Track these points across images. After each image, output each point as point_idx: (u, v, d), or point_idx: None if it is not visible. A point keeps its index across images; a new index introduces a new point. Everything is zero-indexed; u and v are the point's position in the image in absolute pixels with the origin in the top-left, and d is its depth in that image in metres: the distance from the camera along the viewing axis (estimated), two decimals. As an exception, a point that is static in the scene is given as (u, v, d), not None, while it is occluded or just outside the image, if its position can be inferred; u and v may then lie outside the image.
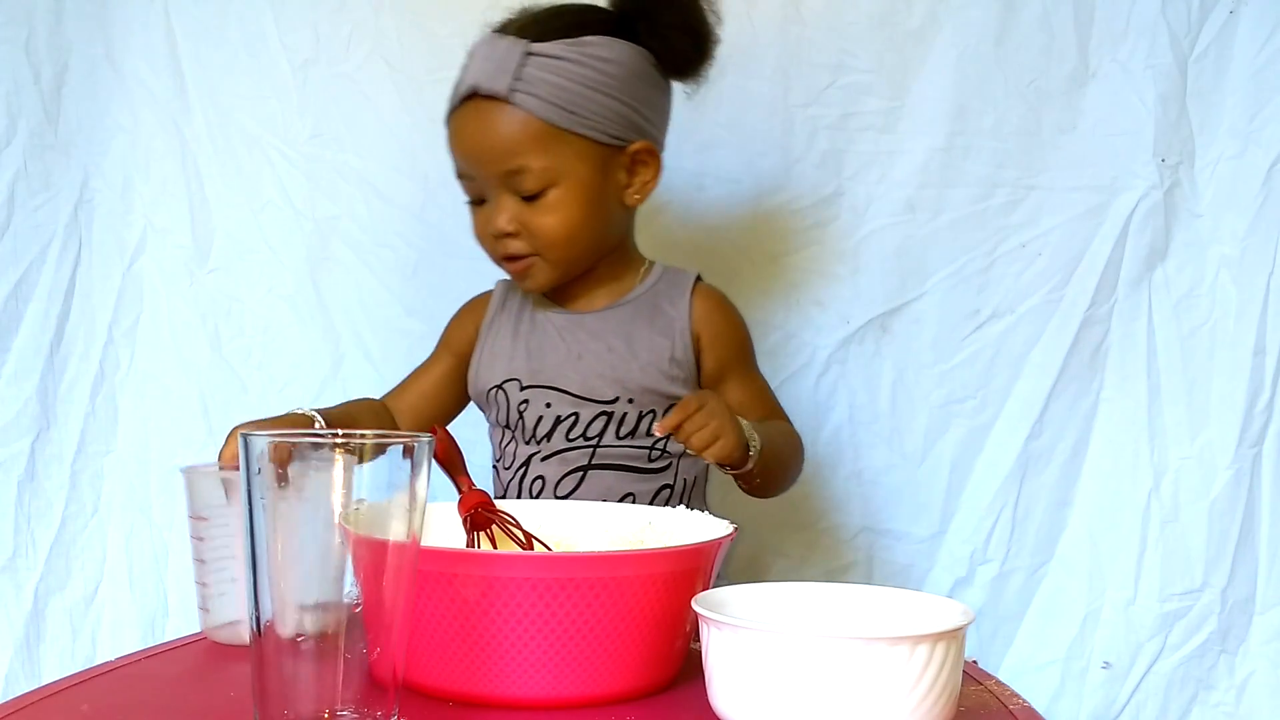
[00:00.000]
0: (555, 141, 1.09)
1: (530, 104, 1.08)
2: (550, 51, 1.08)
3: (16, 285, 1.41)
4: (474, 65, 1.11)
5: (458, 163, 1.14)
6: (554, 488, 1.14)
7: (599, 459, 1.13)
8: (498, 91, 1.08)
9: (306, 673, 0.66)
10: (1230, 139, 1.36)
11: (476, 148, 1.11)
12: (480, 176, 1.12)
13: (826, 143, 1.41)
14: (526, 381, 1.15)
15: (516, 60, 1.08)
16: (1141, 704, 1.40)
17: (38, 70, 1.40)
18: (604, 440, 1.13)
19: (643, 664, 0.79)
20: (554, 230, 1.11)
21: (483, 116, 1.10)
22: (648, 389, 1.14)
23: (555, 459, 1.14)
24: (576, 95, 1.09)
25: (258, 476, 0.65)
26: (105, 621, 1.46)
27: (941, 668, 0.68)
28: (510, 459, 1.16)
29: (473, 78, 1.10)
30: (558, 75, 1.08)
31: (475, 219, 1.16)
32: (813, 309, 1.43)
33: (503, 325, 1.19)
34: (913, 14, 1.39)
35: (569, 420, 1.14)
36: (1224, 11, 1.36)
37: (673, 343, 1.15)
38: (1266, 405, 1.37)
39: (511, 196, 1.11)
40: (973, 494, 1.43)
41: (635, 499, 1.13)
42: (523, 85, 1.08)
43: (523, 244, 1.12)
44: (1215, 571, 1.38)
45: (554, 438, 1.14)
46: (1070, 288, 1.40)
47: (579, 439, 1.13)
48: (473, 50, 1.12)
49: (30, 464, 1.42)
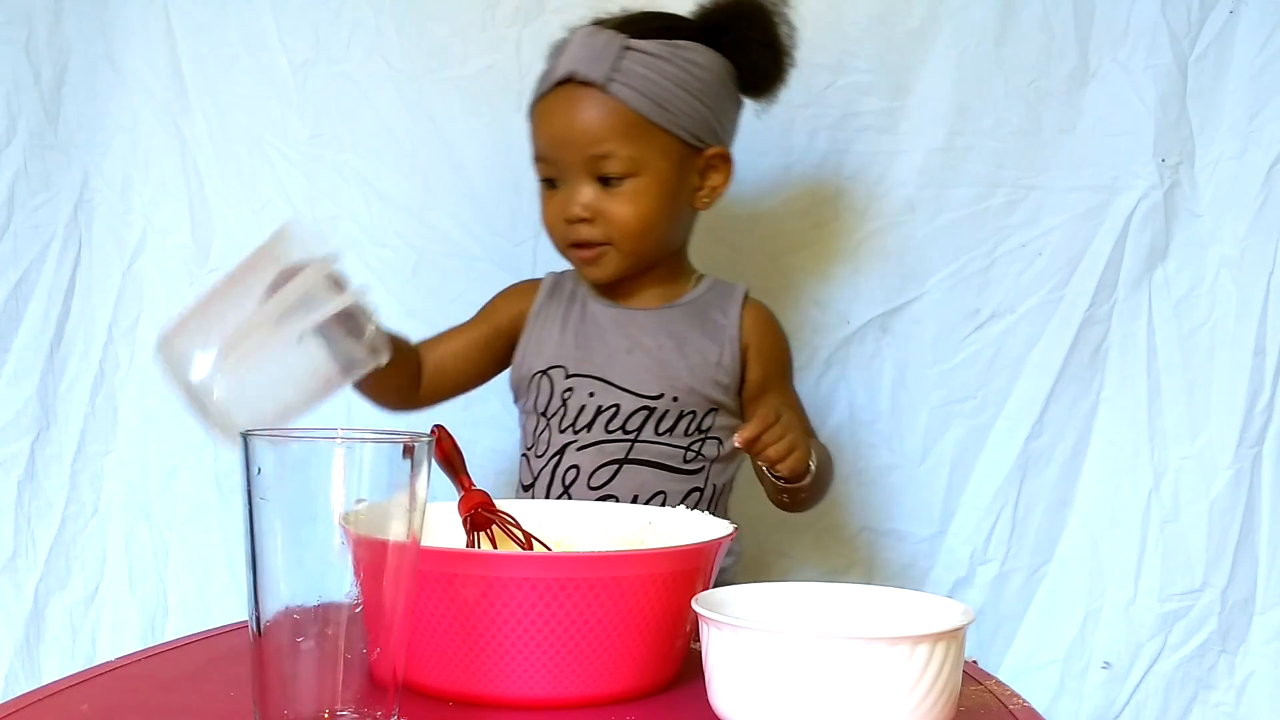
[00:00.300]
0: (643, 133, 1.13)
1: (624, 94, 1.11)
2: (647, 48, 1.12)
3: (16, 285, 1.41)
4: (570, 53, 1.14)
5: (540, 145, 1.16)
6: (588, 478, 1.15)
7: (636, 454, 1.15)
8: (594, 79, 1.11)
9: (306, 673, 0.66)
10: (1230, 139, 1.36)
11: (566, 130, 1.14)
12: (563, 160, 1.14)
13: (826, 143, 1.41)
14: (572, 369, 1.17)
15: (615, 52, 1.12)
16: (1142, 704, 1.40)
17: (38, 70, 1.40)
18: (642, 435, 1.15)
19: (643, 664, 0.79)
20: (629, 219, 1.14)
21: (576, 101, 1.13)
22: (693, 390, 1.15)
23: (593, 449, 1.15)
24: (668, 93, 1.12)
25: (258, 477, 0.65)
26: (105, 621, 1.46)
27: (941, 668, 0.68)
28: (544, 446, 1.17)
29: (569, 64, 1.13)
30: (653, 71, 1.12)
31: (548, 204, 1.18)
32: (813, 309, 1.43)
33: (551, 313, 1.21)
34: (913, 14, 1.39)
35: (610, 411, 1.15)
36: (1224, 11, 1.36)
37: (722, 350, 1.18)
38: (1266, 405, 1.37)
39: (590, 184, 1.14)
40: (973, 494, 1.43)
41: (666, 498, 1.15)
42: (619, 76, 1.11)
43: (595, 231, 1.15)
44: (1215, 571, 1.38)
45: (594, 428, 1.15)
46: (1070, 288, 1.40)
47: (618, 431, 1.15)
48: (568, 39, 1.15)
49: (30, 464, 1.42)
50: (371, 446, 0.67)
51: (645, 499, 1.14)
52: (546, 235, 1.20)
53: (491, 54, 1.42)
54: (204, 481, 1.46)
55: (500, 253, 1.43)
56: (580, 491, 1.15)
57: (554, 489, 1.16)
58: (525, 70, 1.41)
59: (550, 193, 1.17)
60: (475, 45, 1.42)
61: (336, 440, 0.67)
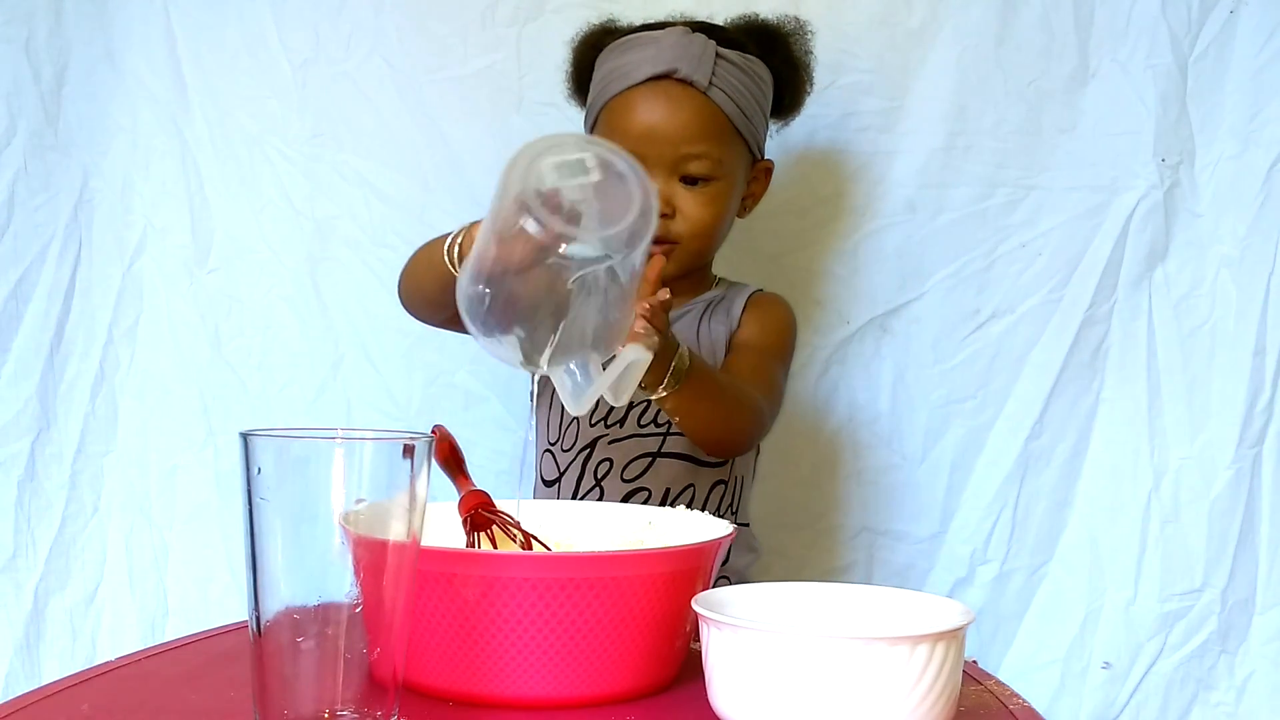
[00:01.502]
0: (731, 140, 1.16)
1: (721, 99, 1.14)
2: (734, 59, 1.15)
3: (16, 285, 1.41)
4: (668, 51, 1.14)
5: (624, 136, 1.14)
6: (621, 470, 1.16)
7: (668, 447, 1.16)
8: (698, 80, 1.13)
9: (306, 673, 0.66)
10: (1230, 139, 1.36)
11: (663, 125, 1.14)
12: (650, 154, 1.13)
13: (826, 143, 1.41)
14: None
15: (712, 58, 1.14)
16: (1142, 704, 1.40)
17: (38, 70, 1.40)
18: (674, 428, 1.16)
19: (643, 664, 0.79)
20: (705, 220, 1.16)
21: (676, 98, 1.14)
22: None
23: (626, 442, 1.16)
24: (749, 104, 1.17)
25: (258, 477, 0.65)
26: (105, 621, 1.46)
27: (941, 668, 0.68)
28: (572, 440, 1.18)
29: (669, 61, 1.13)
30: (739, 81, 1.15)
31: None
32: (813, 309, 1.43)
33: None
34: (913, 14, 1.39)
35: (641, 405, 1.17)
36: (1224, 12, 1.36)
37: (728, 329, 1.20)
38: (1266, 405, 1.37)
39: (673, 180, 1.15)
40: (973, 494, 1.43)
41: (695, 490, 1.16)
42: (717, 81, 1.14)
43: (670, 227, 1.16)
44: (1215, 571, 1.38)
45: (626, 422, 1.17)
46: (1070, 288, 1.40)
47: (650, 425, 1.16)
48: (657, 38, 1.15)
49: (30, 464, 1.42)
50: (371, 446, 0.67)
51: (677, 491, 1.16)
52: None
53: (491, 54, 1.42)
54: (204, 481, 1.46)
55: (500, 253, 1.43)
56: (613, 484, 1.16)
57: (584, 482, 1.17)
58: (525, 70, 1.41)
59: None
60: (475, 45, 1.42)
61: (336, 440, 0.67)
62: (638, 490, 1.16)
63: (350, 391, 1.45)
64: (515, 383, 1.40)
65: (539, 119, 1.41)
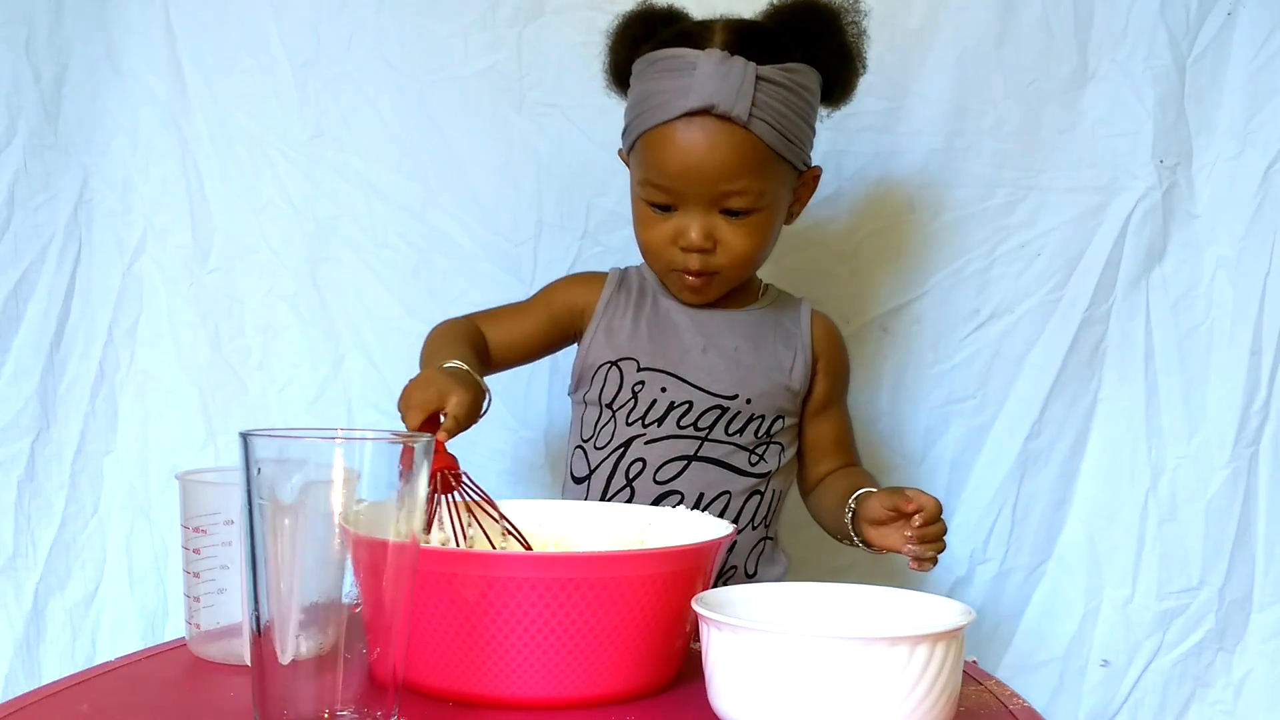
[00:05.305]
0: (773, 167, 1.12)
1: (761, 130, 1.09)
2: (774, 78, 1.09)
3: (16, 285, 1.41)
4: (705, 84, 1.08)
5: (661, 174, 1.12)
6: (655, 472, 1.15)
7: (705, 451, 1.15)
8: (738, 115, 1.07)
9: (306, 673, 0.66)
10: (1228, 140, 1.37)
11: (703, 164, 1.10)
12: (689, 192, 1.11)
13: (826, 143, 1.41)
14: (645, 363, 1.17)
15: (752, 85, 1.07)
16: (1140, 702, 1.41)
17: (38, 70, 1.40)
18: (713, 434, 1.15)
19: (643, 664, 0.79)
20: (747, 251, 1.14)
21: (714, 135, 1.09)
22: (766, 393, 1.16)
23: (662, 444, 1.15)
24: (793, 124, 1.11)
25: (258, 477, 0.66)
26: (105, 621, 1.46)
27: (941, 668, 0.68)
28: (607, 438, 1.17)
29: (708, 96, 1.07)
30: (781, 104, 1.10)
31: (656, 227, 1.15)
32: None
33: (621, 305, 1.20)
34: (913, 14, 1.39)
35: (683, 407, 1.15)
36: (1222, 13, 1.36)
37: (795, 356, 1.19)
38: (1263, 405, 1.37)
39: (713, 214, 1.12)
40: (972, 494, 1.43)
41: (730, 497, 1.15)
42: (758, 111, 1.08)
43: (710, 260, 1.13)
44: (1212, 570, 1.38)
45: (664, 423, 1.15)
46: (1069, 288, 1.40)
47: (689, 428, 1.15)
48: (694, 63, 1.08)
49: (30, 464, 1.42)
50: (371, 446, 0.67)
51: (711, 497, 1.15)
52: (641, 251, 1.18)
53: (491, 54, 1.42)
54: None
55: (500, 253, 1.43)
56: (645, 485, 1.15)
57: (615, 481, 1.16)
58: (525, 70, 1.41)
59: (659, 215, 1.14)
60: (475, 45, 1.42)
61: (336, 440, 0.67)
62: (670, 493, 1.14)
63: (350, 391, 1.45)
64: (516, 383, 1.40)
65: (540, 119, 1.41)
